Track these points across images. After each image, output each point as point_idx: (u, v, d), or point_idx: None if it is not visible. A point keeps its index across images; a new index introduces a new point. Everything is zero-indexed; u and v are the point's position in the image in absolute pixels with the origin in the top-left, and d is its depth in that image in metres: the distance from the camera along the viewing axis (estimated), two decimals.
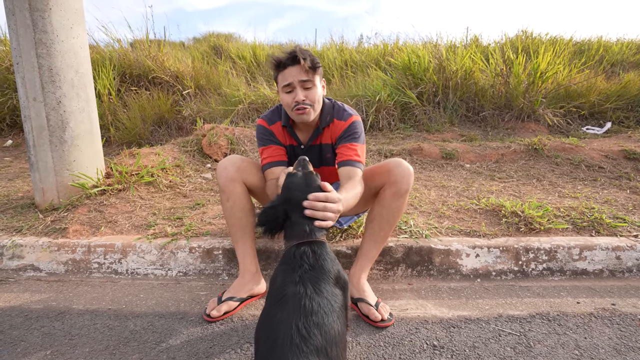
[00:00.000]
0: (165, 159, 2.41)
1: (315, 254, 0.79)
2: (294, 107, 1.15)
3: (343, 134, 1.23)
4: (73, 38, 1.66)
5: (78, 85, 1.72)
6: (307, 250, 0.80)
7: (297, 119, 1.20)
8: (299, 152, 1.31)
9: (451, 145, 3.01)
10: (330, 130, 1.27)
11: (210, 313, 1.11)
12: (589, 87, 3.85)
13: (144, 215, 1.76)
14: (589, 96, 3.79)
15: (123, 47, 4.56)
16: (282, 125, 1.29)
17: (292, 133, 1.29)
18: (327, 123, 1.26)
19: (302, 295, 0.70)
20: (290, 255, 0.80)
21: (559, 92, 3.83)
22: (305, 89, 1.14)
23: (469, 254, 1.42)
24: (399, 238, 1.48)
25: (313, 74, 1.15)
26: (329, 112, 1.26)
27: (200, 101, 4.21)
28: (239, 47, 6.10)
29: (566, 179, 2.49)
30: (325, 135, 1.28)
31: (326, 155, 1.30)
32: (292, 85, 1.13)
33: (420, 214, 1.78)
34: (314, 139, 1.29)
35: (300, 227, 0.83)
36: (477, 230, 1.57)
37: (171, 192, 2.17)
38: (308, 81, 1.13)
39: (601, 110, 3.82)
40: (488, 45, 5.02)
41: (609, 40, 6.14)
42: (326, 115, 1.26)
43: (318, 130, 1.27)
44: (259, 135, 1.30)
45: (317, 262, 0.78)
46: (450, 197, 2.08)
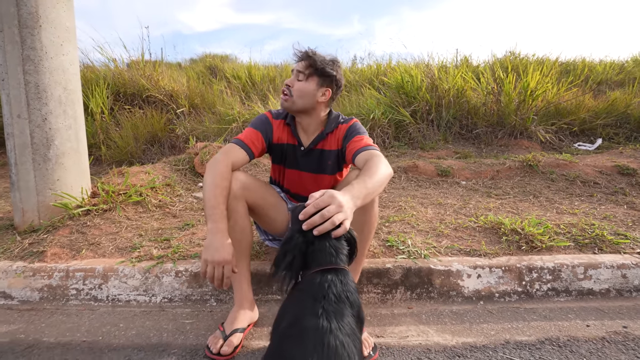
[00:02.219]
0: (155, 178, 2.35)
1: (342, 283, 0.70)
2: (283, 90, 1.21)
3: (347, 133, 1.22)
4: (63, 55, 1.64)
5: (66, 102, 1.68)
6: (334, 279, 0.69)
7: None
8: (299, 153, 1.27)
9: (446, 163, 3.00)
10: (334, 135, 1.25)
11: (221, 350, 0.99)
12: (578, 104, 3.93)
13: (130, 236, 1.68)
14: (578, 113, 3.86)
15: (118, 66, 4.58)
16: (286, 123, 1.26)
17: (294, 132, 1.26)
18: (332, 129, 1.24)
19: (326, 331, 0.60)
20: (312, 283, 0.70)
21: (549, 109, 3.90)
22: (298, 80, 1.18)
23: (470, 274, 1.35)
24: (397, 259, 1.42)
25: (312, 73, 1.17)
26: (335, 120, 1.26)
27: (194, 120, 4.19)
28: (235, 68, 6.18)
29: (562, 195, 2.47)
30: (329, 141, 1.25)
31: (327, 162, 1.26)
32: (293, 72, 1.20)
33: (418, 233, 1.72)
34: (316, 143, 1.25)
35: (324, 252, 0.73)
36: (478, 249, 1.51)
37: (160, 212, 2.09)
38: (302, 73, 1.17)
39: (591, 127, 3.89)
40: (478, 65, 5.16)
41: (592, 60, 6.36)
42: (332, 122, 1.25)
43: (321, 136, 1.25)
44: (256, 119, 1.28)
45: (344, 292, 0.68)
46: (447, 215, 2.04)
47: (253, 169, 2.97)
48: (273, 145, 1.28)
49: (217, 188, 1.03)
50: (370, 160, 1.01)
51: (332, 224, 0.73)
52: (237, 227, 1.11)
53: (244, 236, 1.13)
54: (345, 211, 0.76)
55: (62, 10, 1.61)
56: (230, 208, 1.09)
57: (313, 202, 0.75)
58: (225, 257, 0.93)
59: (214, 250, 0.93)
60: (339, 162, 1.28)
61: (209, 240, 0.95)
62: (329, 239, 0.75)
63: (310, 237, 0.74)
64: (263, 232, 1.39)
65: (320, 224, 0.73)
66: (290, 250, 0.75)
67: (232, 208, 1.09)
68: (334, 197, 0.76)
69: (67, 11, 1.64)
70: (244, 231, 1.13)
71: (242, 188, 1.11)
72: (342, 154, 1.24)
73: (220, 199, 1.02)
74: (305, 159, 1.27)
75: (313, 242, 0.75)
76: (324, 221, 0.73)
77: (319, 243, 0.74)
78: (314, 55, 1.17)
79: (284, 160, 1.30)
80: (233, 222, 1.10)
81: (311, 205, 0.75)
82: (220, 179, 1.05)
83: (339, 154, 1.25)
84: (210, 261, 0.93)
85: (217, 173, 1.06)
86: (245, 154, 1.17)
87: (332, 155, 1.26)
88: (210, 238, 0.96)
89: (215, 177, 1.05)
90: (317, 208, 0.74)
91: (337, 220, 0.74)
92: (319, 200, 0.75)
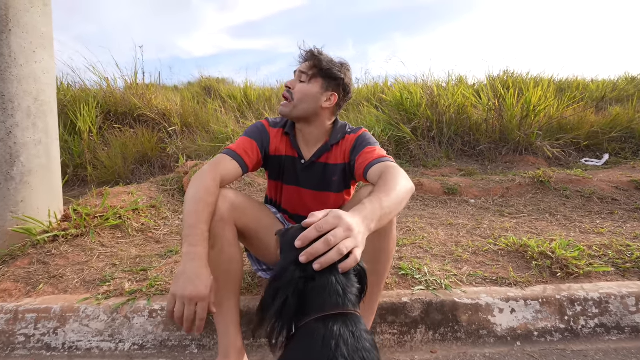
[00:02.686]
0: (138, 199, 2.13)
1: (356, 338, 0.51)
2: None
3: (355, 144, 1.04)
4: (35, 62, 1.48)
5: (36, 114, 1.50)
6: (343, 331, 0.51)
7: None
8: (299, 166, 1.08)
9: (453, 180, 2.83)
10: (341, 147, 1.07)
11: None
12: (580, 120, 3.86)
13: (101, 266, 1.45)
14: (582, 129, 3.78)
15: (111, 85, 4.47)
16: (285, 132, 1.08)
17: (293, 143, 1.08)
18: (337, 140, 1.07)
19: None
20: (314, 339, 0.51)
21: (551, 125, 3.81)
22: (300, 81, 1.03)
23: (503, 308, 1.14)
24: (413, 291, 1.20)
25: (316, 75, 1.02)
26: (341, 130, 1.09)
27: (187, 139, 4.03)
28: (230, 89, 6.12)
29: (581, 213, 2.29)
30: (334, 153, 1.07)
31: (332, 177, 1.07)
32: (295, 74, 1.05)
33: (433, 258, 1.51)
34: (319, 155, 1.07)
35: (329, 291, 0.54)
36: (506, 277, 1.30)
37: (141, 237, 1.86)
38: (304, 74, 1.02)
39: (596, 142, 3.79)
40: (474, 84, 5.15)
41: (584, 79, 6.44)
42: (337, 133, 1.07)
43: (325, 147, 1.07)
44: (251, 127, 1.10)
45: (359, 353, 0.50)
46: (462, 237, 1.84)
47: (247, 189, 2.77)
48: (270, 158, 1.10)
49: (200, 203, 0.84)
50: (386, 174, 0.83)
51: (339, 254, 0.54)
52: (224, 256, 0.90)
53: (232, 267, 0.92)
54: (356, 237, 0.57)
55: (36, 15, 1.47)
56: (216, 233, 0.89)
57: (315, 223, 0.57)
58: (200, 292, 0.72)
59: (186, 281, 0.73)
60: (346, 178, 1.09)
61: (182, 269, 0.75)
62: (335, 274, 0.56)
63: (310, 271, 0.55)
64: (256, 260, 1.18)
65: (323, 253, 0.54)
66: (282, 288, 0.55)
67: (217, 233, 0.89)
68: (342, 218, 0.58)
69: (42, 16, 1.50)
70: (232, 261, 0.92)
71: (231, 209, 0.91)
72: (349, 169, 1.06)
73: (202, 216, 0.83)
74: (306, 174, 1.09)
75: (314, 278, 0.55)
76: (328, 249, 0.54)
77: (321, 279, 0.55)
78: (320, 55, 1.03)
79: (282, 175, 1.12)
80: (218, 249, 0.90)
81: (312, 228, 0.56)
82: (205, 193, 0.86)
83: (345, 168, 1.07)
84: (180, 296, 0.72)
85: (202, 186, 0.87)
86: (237, 166, 0.99)
87: (338, 169, 1.07)
88: (183, 265, 0.75)
89: (199, 190, 0.86)
90: (320, 232, 0.56)
91: (345, 248, 0.55)
92: (323, 221, 0.57)
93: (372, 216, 0.65)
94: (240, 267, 0.95)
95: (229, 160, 0.98)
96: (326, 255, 0.54)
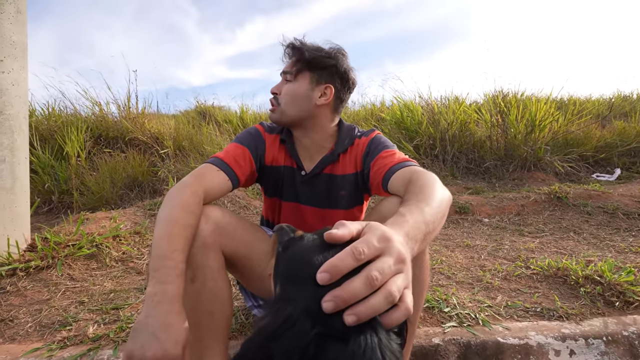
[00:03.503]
0: (120, 224, 1.92)
1: None
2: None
3: (369, 148, 0.85)
4: (2, 72, 1.32)
5: (0, 129, 1.33)
6: None
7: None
8: (299, 179, 0.89)
9: (463, 198, 2.65)
10: (350, 154, 0.88)
11: None
12: (586, 135, 3.77)
13: (65, 305, 1.21)
14: (589, 144, 3.68)
15: (103, 110, 4.36)
16: (281, 139, 0.90)
17: (292, 152, 0.89)
18: (346, 147, 0.88)
19: None
20: None
21: (557, 140, 3.71)
22: (287, 81, 0.87)
23: (559, 350, 0.91)
24: (444, 328, 0.97)
25: (302, 69, 0.85)
26: (348, 134, 0.90)
27: (180, 162, 3.87)
28: (226, 114, 6.07)
29: (608, 231, 2.10)
30: (342, 163, 0.88)
31: (339, 191, 0.88)
32: (281, 76, 0.88)
33: (459, 286, 1.29)
34: (322, 166, 0.88)
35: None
36: (551, 307, 1.08)
37: (121, 267, 1.63)
38: (288, 73, 0.86)
39: (605, 157, 3.67)
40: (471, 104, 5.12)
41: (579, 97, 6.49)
42: (344, 138, 0.89)
43: (331, 157, 0.88)
44: (244, 132, 0.91)
45: None
46: (484, 260, 1.62)
47: (242, 212, 2.56)
48: (266, 169, 0.90)
49: (175, 226, 0.63)
50: (417, 180, 0.64)
51: (388, 302, 0.34)
52: (206, 293, 0.69)
53: (218, 307, 0.70)
54: (407, 272, 0.37)
55: (6, 22, 1.34)
56: (196, 262, 0.68)
57: (351, 246, 0.35)
58: (167, 351, 0.51)
59: (148, 336, 0.52)
60: (358, 192, 0.90)
61: (143, 317, 0.54)
62: (375, 331, 0.33)
63: (337, 325, 0.32)
64: (250, 295, 0.95)
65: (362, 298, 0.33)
66: (287, 353, 0.32)
67: (198, 262, 0.68)
68: (391, 240, 0.37)
69: (14, 24, 1.36)
70: (218, 299, 0.70)
71: (215, 231, 0.71)
72: (362, 179, 0.87)
73: (177, 242, 0.62)
74: (307, 189, 0.89)
75: (343, 338, 0.32)
76: (371, 292, 0.33)
77: (355, 340, 0.32)
78: (302, 45, 0.85)
79: (280, 190, 0.92)
80: (200, 284, 0.68)
81: (348, 253, 0.34)
82: (183, 211, 0.66)
83: (357, 179, 0.88)
84: (139, 357, 0.50)
85: (179, 204, 0.67)
86: (225, 178, 0.79)
87: (347, 182, 0.88)
88: (145, 312, 0.54)
89: (175, 208, 0.66)
90: (360, 261, 0.34)
91: (397, 291, 0.34)
92: (363, 243, 0.35)
93: (415, 234, 0.44)
94: (228, 307, 0.73)
95: (215, 172, 0.78)
96: (368, 303, 0.33)
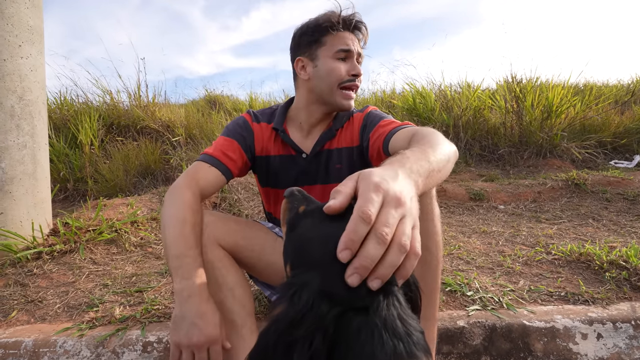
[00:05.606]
0: (137, 210, 1.94)
1: None
2: (346, 82, 0.83)
3: (365, 122, 0.86)
4: (21, 58, 1.32)
5: (20, 115, 1.33)
6: None
7: (340, 102, 0.84)
8: (301, 163, 0.89)
9: (477, 185, 2.61)
10: (346, 130, 0.89)
11: None
12: (605, 121, 3.66)
13: (90, 287, 1.23)
14: (607, 130, 3.57)
15: (114, 98, 4.38)
16: (273, 128, 0.89)
17: (287, 139, 0.89)
18: (343, 123, 0.89)
19: None
20: None
21: (573, 126, 3.61)
22: (359, 64, 0.86)
23: (586, 333, 0.90)
24: (468, 311, 0.97)
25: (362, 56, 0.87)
26: (346, 111, 0.90)
27: (191, 149, 3.89)
28: (235, 102, 6.04)
29: (629, 217, 2.05)
30: (339, 138, 0.89)
31: (335, 165, 0.88)
32: (351, 54, 0.83)
33: (480, 270, 1.28)
34: (322, 144, 0.88)
35: (384, 332, 0.31)
36: (576, 292, 1.07)
37: (140, 252, 1.65)
38: (362, 57, 0.87)
39: (624, 144, 3.57)
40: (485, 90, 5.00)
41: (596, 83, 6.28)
42: (342, 115, 0.89)
43: (330, 133, 0.88)
44: (231, 123, 0.91)
45: None
46: (503, 246, 1.61)
47: (256, 199, 2.57)
48: (257, 159, 0.91)
49: (186, 225, 0.67)
50: (420, 134, 0.62)
51: (401, 252, 0.32)
52: (210, 286, 0.69)
53: (225, 293, 0.73)
54: (411, 209, 0.35)
55: (23, 7, 1.33)
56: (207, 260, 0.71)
57: (360, 210, 0.32)
58: (209, 335, 0.58)
59: (189, 326, 0.58)
60: (355, 166, 0.89)
61: (179, 312, 0.59)
62: (393, 296, 0.33)
63: (354, 300, 0.32)
64: (265, 285, 0.95)
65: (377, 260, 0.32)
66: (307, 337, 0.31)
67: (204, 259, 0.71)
68: (382, 186, 0.34)
69: (30, 8, 1.35)
70: (224, 286, 0.73)
71: (208, 226, 0.74)
72: (360, 153, 0.87)
73: (191, 240, 0.65)
74: (309, 169, 0.89)
75: (364, 309, 0.32)
76: (385, 249, 0.32)
77: (377, 311, 0.31)
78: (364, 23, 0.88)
79: (276, 178, 0.92)
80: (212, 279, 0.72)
81: (358, 219, 0.32)
82: (190, 211, 0.69)
83: (353, 153, 0.88)
84: (186, 345, 0.57)
85: (182, 204, 0.70)
86: (218, 173, 0.80)
87: (344, 155, 0.88)
88: (179, 307, 0.59)
89: (180, 209, 0.69)
90: (371, 222, 0.32)
91: (408, 238, 0.33)
92: (365, 205, 0.32)
93: (417, 168, 0.42)
94: (240, 291, 0.75)
95: (207, 168, 0.79)
96: (385, 262, 0.32)
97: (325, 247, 0.34)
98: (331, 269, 0.33)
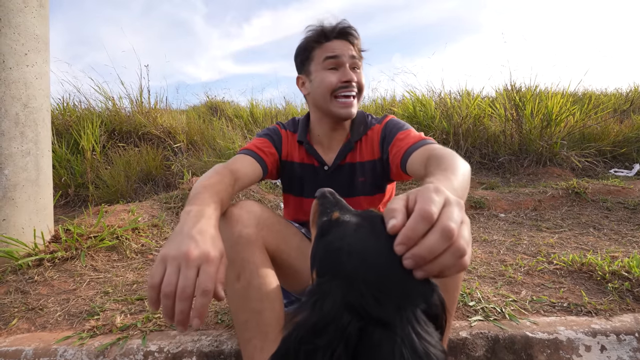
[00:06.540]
0: (138, 217, 1.94)
1: None
2: (338, 88, 0.82)
3: (384, 133, 0.86)
4: (27, 66, 1.34)
5: (25, 122, 1.35)
6: None
7: (337, 111, 0.84)
8: (322, 175, 0.90)
9: (478, 193, 2.62)
10: (366, 142, 0.89)
11: None
12: (604, 129, 3.68)
13: (91, 295, 1.23)
14: (606, 139, 3.59)
15: (116, 104, 4.40)
16: (298, 141, 0.91)
17: (311, 151, 0.91)
18: (361, 135, 0.89)
19: None
20: None
21: (573, 135, 3.63)
22: (355, 69, 0.84)
23: (589, 345, 0.90)
24: (470, 322, 0.97)
25: (360, 59, 0.86)
26: (362, 121, 0.91)
27: (193, 156, 3.90)
28: (236, 108, 6.08)
29: (629, 227, 2.05)
30: (359, 151, 0.89)
31: (359, 179, 0.89)
32: (341, 60, 0.82)
33: (482, 280, 1.28)
34: (342, 157, 0.89)
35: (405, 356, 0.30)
36: (578, 302, 1.07)
37: (141, 259, 1.65)
38: (358, 60, 0.85)
39: (623, 152, 3.59)
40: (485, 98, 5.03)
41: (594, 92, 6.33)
42: (359, 126, 0.90)
43: (348, 145, 0.89)
44: (266, 129, 0.94)
45: None
46: (504, 255, 1.61)
47: None
48: (282, 163, 0.93)
49: (214, 176, 0.68)
50: (437, 154, 0.63)
51: (457, 256, 0.32)
52: (253, 290, 0.65)
53: (267, 304, 0.65)
54: (465, 217, 0.35)
55: (30, 16, 1.35)
56: (241, 259, 0.66)
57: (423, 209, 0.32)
58: (204, 250, 0.46)
59: (184, 238, 0.47)
60: (377, 180, 0.90)
61: (179, 227, 0.51)
62: (416, 317, 0.33)
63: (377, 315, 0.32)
64: (284, 292, 0.94)
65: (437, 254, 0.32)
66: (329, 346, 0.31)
67: (243, 259, 0.66)
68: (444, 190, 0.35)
69: (37, 18, 1.37)
70: (267, 295, 0.65)
71: (258, 226, 0.69)
72: (382, 167, 0.88)
73: (216, 188, 0.64)
74: (331, 181, 0.90)
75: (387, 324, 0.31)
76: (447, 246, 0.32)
77: (399, 329, 0.31)
78: (355, 30, 0.89)
79: (301, 186, 0.93)
80: (246, 282, 0.65)
81: (419, 216, 0.32)
82: (220, 176, 0.69)
83: (376, 166, 0.88)
84: (173, 256, 0.45)
85: (215, 174, 0.69)
86: (256, 164, 0.82)
87: (366, 168, 0.89)
88: (181, 225, 0.51)
89: (211, 177, 0.68)
90: (432, 221, 0.32)
91: (465, 244, 0.33)
92: (426, 205, 0.33)
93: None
94: (278, 304, 0.67)
95: (244, 157, 0.81)
96: (437, 261, 0.32)
97: (357, 259, 0.35)
98: (359, 281, 0.33)
